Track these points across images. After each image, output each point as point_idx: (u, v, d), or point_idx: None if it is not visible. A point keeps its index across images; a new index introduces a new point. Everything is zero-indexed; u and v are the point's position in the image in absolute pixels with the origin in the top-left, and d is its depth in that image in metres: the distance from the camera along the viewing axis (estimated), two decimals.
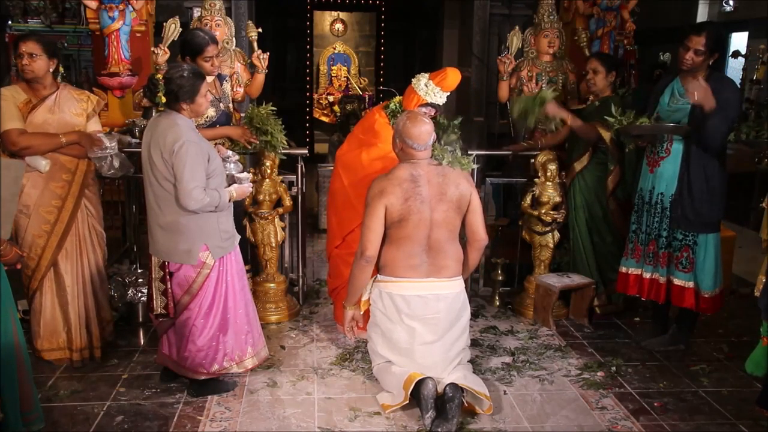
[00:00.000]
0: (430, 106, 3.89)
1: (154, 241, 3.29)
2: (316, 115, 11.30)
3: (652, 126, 3.80)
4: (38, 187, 3.56)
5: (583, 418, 3.28)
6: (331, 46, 12.04)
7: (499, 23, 7.31)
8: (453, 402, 3.07)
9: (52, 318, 3.69)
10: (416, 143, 3.28)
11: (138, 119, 4.90)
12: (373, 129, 4.00)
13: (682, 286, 3.83)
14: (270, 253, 4.41)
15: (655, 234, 3.88)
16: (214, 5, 4.65)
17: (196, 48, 3.95)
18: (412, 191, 3.24)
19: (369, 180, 3.41)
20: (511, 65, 5.07)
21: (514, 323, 4.43)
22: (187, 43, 4.01)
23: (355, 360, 3.82)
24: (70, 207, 3.63)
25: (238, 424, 3.18)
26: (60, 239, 3.62)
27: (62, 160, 3.58)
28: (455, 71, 3.90)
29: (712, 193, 3.73)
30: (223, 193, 3.24)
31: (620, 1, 5.44)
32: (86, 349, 3.73)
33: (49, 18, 8.26)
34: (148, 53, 5.24)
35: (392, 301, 3.32)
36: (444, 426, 3.03)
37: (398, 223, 3.26)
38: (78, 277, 3.70)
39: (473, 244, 3.42)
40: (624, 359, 3.89)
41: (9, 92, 3.53)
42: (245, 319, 3.43)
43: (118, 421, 3.19)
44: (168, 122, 3.17)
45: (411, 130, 3.28)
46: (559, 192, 4.47)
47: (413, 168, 3.29)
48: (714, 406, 3.41)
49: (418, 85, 3.88)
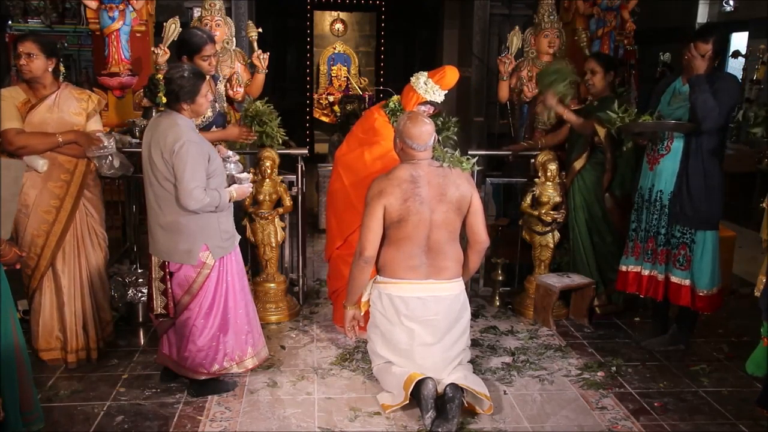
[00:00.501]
0: (429, 104, 3.89)
1: (154, 241, 3.29)
2: (316, 115, 11.30)
3: (655, 123, 3.80)
4: (37, 187, 3.56)
5: (583, 418, 3.28)
6: (331, 46, 12.04)
7: (499, 23, 7.31)
8: (453, 402, 3.07)
9: (50, 318, 3.69)
10: (416, 143, 3.28)
11: (138, 119, 4.89)
12: (373, 128, 4.00)
13: (679, 284, 3.84)
14: (270, 253, 4.41)
15: (654, 231, 3.89)
16: (214, 5, 4.66)
17: (194, 47, 3.93)
18: (412, 192, 3.23)
19: (370, 180, 3.40)
20: (511, 65, 5.07)
21: (514, 323, 4.42)
22: (184, 42, 3.98)
23: (355, 360, 3.82)
24: (68, 207, 3.62)
25: (238, 424, 3.18)
26: (58, 239, 3.62)
27: (61, 159, 3.58)
28: (454, 69, 3.91)
29: (709, 191, 3.73)
30: (223, 194, 3.24)
31: (620, 1, 5.44)
32: (83, 350, 3.72)
33: (49, 18, 8.25)
34: (148, 53, 5.24)
35: (391, 302, 3.32)
36: (444, 426, 3.02)
37: (397, 224, 3.25)
38: (75, 278, 3.69)
39: (474, 246, 3.42)
40: (624, 359, 3.89)
41: (8, 93, 3.53)
42: (245, 319, 3.43)
43: (118, 421, 3.19)
44: (168, 122, 3.17)
45: (411, 130, 3.28)
46: (559, 192, 4.47)
47: (413, 168, 3.28)
48: (714, 406, 3.41)
49: (417, 84, 3.89)
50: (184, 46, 3.98)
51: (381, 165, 3.79)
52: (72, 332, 3.69)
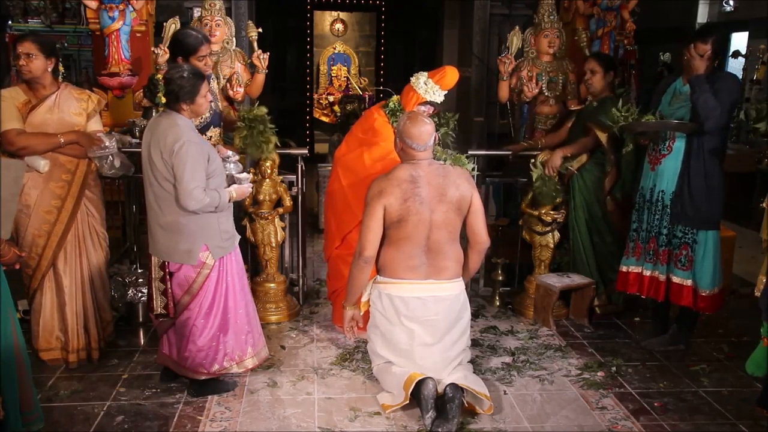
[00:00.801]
0: (429, 104, 3.89)
1: (154, 241, 3.29)
2: (316, 115, 11.30)
3: (657, 123, 3.81)
4: (38, 187, 3.56)
5: (583, 418, 3.28)
6: (331, 46, 12.04)
7: (499, 23, 7.30)
8: (453, 402, 3.07)
9: (51, 318, 3.69)
10: (416, 143, 3.28)
11: (138, 119, 4.89)
12: (373, 128, 4.00)
13: (681, 284, 3.83)
14: (270, 253, 4.41)
15: (655, 231, 3.89)
16: (214, 5, 4.65)
17: (190, 48, 3.86)
18: (411, 192, 3.23)
19: (369, 181, 3.40)
20: (511, 65, 5.07)
21: (514, 323, 4.42)
22: (179, 43, 3.91)
23: (355, 360, 3.82)
24: (69, 207, 3.62)
25: (238, 424, 3.17)
26: (60, 239, 3.62)
27: (62, 160, 3.58)
28: (454, 69, 3.91)
29: (710, 191, 3.73)
30: (223, 194, 3.24)
31: (620, 1, 5.43)
32: (83, 350, 3.73)
33: (49, 18, 8.25)
34: (148, 53, 5.24)
35: (391, 302, 3.32)
36: (444, 426, 3.02)
37: (397, 224, 3.25)
38: (77, 277, 3.69)
39: (474, 246, 3.41)
40: (624, 359, 3.89)
41: (8, 93, 3.53)
42: (245, 319, 3.43)
43: (118, 421, 3.19)
44: (168, 122, 3.17)
45: (411, 130, 3.28)
46: (560, 192, 4.46)
47: (413, 168, 3.28)
48: (714, 406, 3.41)
49: (417, 84, 3.89)
50: (178, 47, 3.91)
51: (381, 167, 3.78)
52: (73, 332, 3.69)
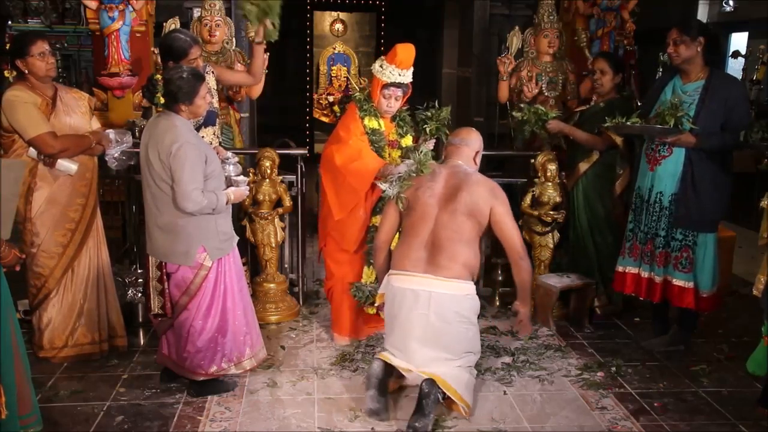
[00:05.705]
0: (394, 86, 3.87)
1: (151, 241, 3.29)
2: (316, 115, 11.29)
3: (641, 126, 3.79)
4: (66, 188, 3.62)
5: (583, 419, 3.28)
6: (331, 47, 12.02)
7: (499, 23, 7.32)
8: (429, 398, 3.08)
9: (69, 314, 3.71)
10: (452, 138, 3.57)
11: (138, 119, 4.89)
12: (344, 122, 3.99)
13: (682, 287, 3.81)
14: (270, 253, 4.41)
15: (652, 233, 3.87)
16: (214, 5, 4.66)
17: (180, 52, 3.69)
18: (425, 183, 3.38)
19: (341, 180, 3.63)
20: (511, 65, 5.07)
21: (514, 323, 4.40)
22: (168, 48, 3.73)
23: (355, 360, 3.82)
24: (92, 204, 3.73)
25: (238, 425, 3.18)
26: (83, 236, 3.70)
27: (83, 159, 3.65)
28: (405, 45, 3.87)
29: (718, 190, 3.72)
30: (220, 196, 3.22)
31: (620, 2, 5.44)
32: (105, 342, 3.80)
33: (49, 18, 8.25)
34: (148, 53, 5.23)
35: (392, 292, 3.35)
36: (421, 421, 3.05)
37: (407, 212, 3.39)
38: (94, 270, 3.76)
39: (509, 256, 3.43)
40: (624, 359, 3.89)
41: (25, 96, 3.46)
42: (244, 320, 3.43)
43: (118, 421, 3.19)
44: (166, 123, 3.17)
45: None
46: (559, 192, 4.46)
47: (441, 166, 3.47)
48: (714, 407, 3.41)
49: (374, 68, 3.93)
50: (168, 52, 3.73)
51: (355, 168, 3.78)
52: (94, 324, 3.75)
